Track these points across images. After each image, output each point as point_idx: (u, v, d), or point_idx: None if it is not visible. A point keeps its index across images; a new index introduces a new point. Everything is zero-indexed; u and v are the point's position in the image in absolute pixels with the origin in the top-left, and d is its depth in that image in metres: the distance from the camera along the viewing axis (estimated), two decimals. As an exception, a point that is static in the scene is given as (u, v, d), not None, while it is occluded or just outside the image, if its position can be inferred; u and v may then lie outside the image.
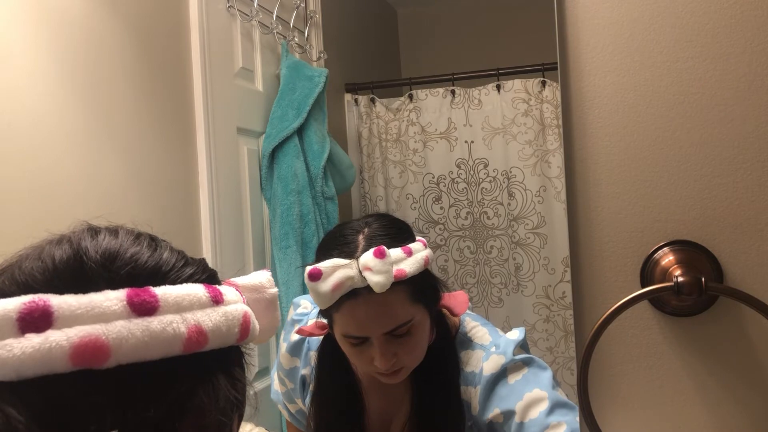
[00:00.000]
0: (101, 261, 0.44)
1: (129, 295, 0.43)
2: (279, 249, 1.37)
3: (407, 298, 0.88)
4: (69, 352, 0.39)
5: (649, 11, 1.13)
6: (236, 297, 0.51)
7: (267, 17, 1.42)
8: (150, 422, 0.42)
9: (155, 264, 0.47)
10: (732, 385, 1.11)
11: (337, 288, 0.85)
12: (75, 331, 0.40)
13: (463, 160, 1.46)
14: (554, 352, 1.35)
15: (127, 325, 0.41)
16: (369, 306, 0.86)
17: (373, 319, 0.87)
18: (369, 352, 0.89)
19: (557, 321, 1.36)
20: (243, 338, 0.49)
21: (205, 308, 0.46)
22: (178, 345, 0.43)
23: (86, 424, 0.40)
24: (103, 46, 1.05)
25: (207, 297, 0.47)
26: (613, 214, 1.16)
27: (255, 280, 0.56)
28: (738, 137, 1.10)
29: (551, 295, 1.37)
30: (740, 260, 1.10)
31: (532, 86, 1.41)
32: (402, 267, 0.87)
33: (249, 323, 0.50)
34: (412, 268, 0.88)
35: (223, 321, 0.47)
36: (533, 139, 1.41)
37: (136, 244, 0.48)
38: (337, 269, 0.85)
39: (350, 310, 0.87)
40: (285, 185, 1.38)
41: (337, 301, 0.86)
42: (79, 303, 0.41)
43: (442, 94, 1.49)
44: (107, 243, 0.46)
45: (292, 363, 1.08)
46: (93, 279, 0.43)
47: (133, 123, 1.11)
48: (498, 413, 0.91)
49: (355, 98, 1.57)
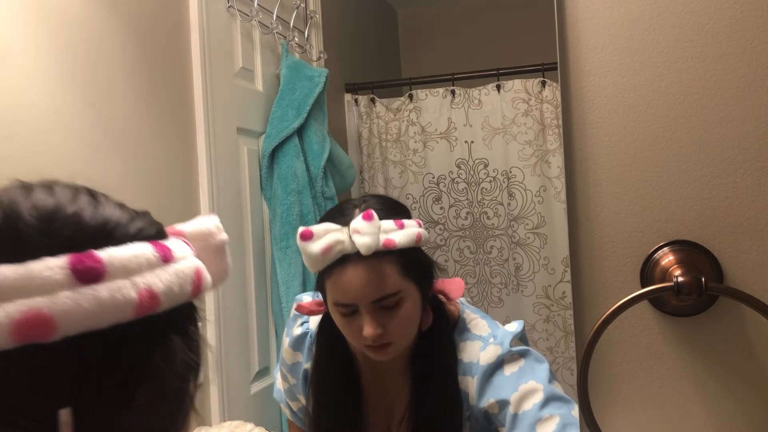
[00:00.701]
0: (38, 224, 0.40)
1: (72, 262, 0.39)
2: (279, 249, 1.37)
3: (397, 269, 0.90)
4: (10, 328, 0.36)
5: (649, 11, 1.13)
6: (186, 252, 0.48)
7: (267, 17, 1.42)
8: (106, 394, 0.40)
9: (98, 223, 0.43)
10: (732, 385, 1.11)
11: (326, 251, 0.87)
12: (15, 306, 0.37)
13: (463, 160, 1.46)
14: (554, 352, 1.35)
15: (73, 296, 0.38)
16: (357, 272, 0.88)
17: (361, 286, 0.88)
18: (358, 322, 0.90)
19: (557, 321, 1.36)
20: (196, 294, 0.47)
21: (154, 269, 0.43)
22: (129, 311, 0.40)
23: (36, 402, 0.38)
24: (103, 46, 1.05)
25: (156, 257, 0.43)
26: (613, 214, 1.16)
27: (203, 226, 0.53)
28: (738, 137, 1.10)
29: (551, 295, 1.37)
30: (740, 260, 1.10)
31: (532, 86, 1.41)
32: (392, 237, 0.89)
33: (201, 278, 0.48)
34: (402, 240, 0.90)
35: (175, 280, 0.44)
36: (533, 139, 1.41)
37: (74, 201, 0.44)
38: (328, 232, 0.88)
39: (340, 276, 0.89)
40: (285, 185, 1.38)
41: (328, 267, 0.89)
42: (17, 274, 0.38)
43: (442, 94, 1.49)
44: (43, 202, 0.42)
45: (295, 358, 1.08)
46: (30, 245, 0.39)
47: (133, 123, 1.11)
48: (493, 403, 0.92)
49: (355, 98, 1.57)
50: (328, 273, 0.91)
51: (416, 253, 0.94)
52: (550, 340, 1.36)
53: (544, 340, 1.35)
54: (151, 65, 1.16)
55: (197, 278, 0.47)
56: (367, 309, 0.90)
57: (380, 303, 0.90)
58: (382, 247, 0.89)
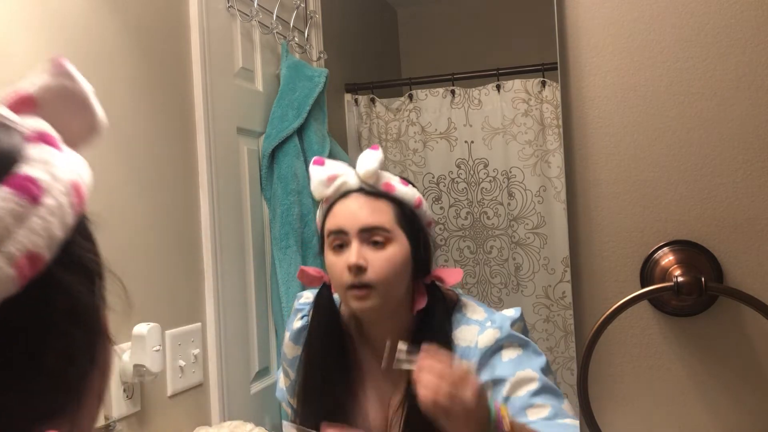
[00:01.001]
0: None
1: None
2: (279, 249, 1.37)
3: (391, 213, 0.95)
4: None
5: (649, 11, 1.13)
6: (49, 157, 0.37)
7: (267, 17, 1.42)
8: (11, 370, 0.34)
9: None
10: (732, 384, 1.11)
11: (331, 178, 0.97)
12: None
13: (463, 160, 1.46)
14: (554, 352, 1.35)
15: None
16: (354, 201, 0.96)
17: (354, 212, 0.95)
18: (345, 257, 0.94)
19: (557, 321, 1.36)
20: (81, 208, 0.39)
21: (24, 221, 0.34)
22: (12, 287, 0.33)
23: None
24: (103, 46, 1.05)
25: (20, 203, 0.34)
26: (613, 214, 1.16)
27: (54, 81, 0.43)
28: (738, 137, 1.10)
29: (551, 295, 1.38)
30: (740, 260, 1.10)
31: (532, 86, 1.41)
32: (393, 184, 0.97)
33: (81, 192, 0.39)
34: (402, 191, 0.97)
35: (54, 220, 0.35)
36: (533, 139, 1.41)
37: None
38: (339, 167, 0.99)
39: (338, 206, 0.97)
40: (285, 185, 1.38)
41: (331, 202, 0.97)
42: None
43: (442, 94, 1.49)
44: None
45: (295, 351, 1.08)
46: None
47: (133, 123, 1.11)
48: (488, 382, 0.94)
49: (355, 98, 1.57)
50: (330, 207, 0.98)
51: (414, 214, 0.99)
52: (550, 340, 1.36)
53: (544, 340, 1.35)
54: (151, 65, 1.16)
55: (77, 195, 0.38)
56: (356, 237, 0.94)
57: (369, 234, 0.94)
58: (381, 187, 0.96)
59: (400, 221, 0.96)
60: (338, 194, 0.98)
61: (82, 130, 0.44)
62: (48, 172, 0.36)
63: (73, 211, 0.37)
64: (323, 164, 0.99)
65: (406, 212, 0.98)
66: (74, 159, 0.40)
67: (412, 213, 0.99)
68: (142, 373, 1.02)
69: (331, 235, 0.98)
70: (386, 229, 0.95)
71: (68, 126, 0.42)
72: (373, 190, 0.98)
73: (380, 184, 0.97)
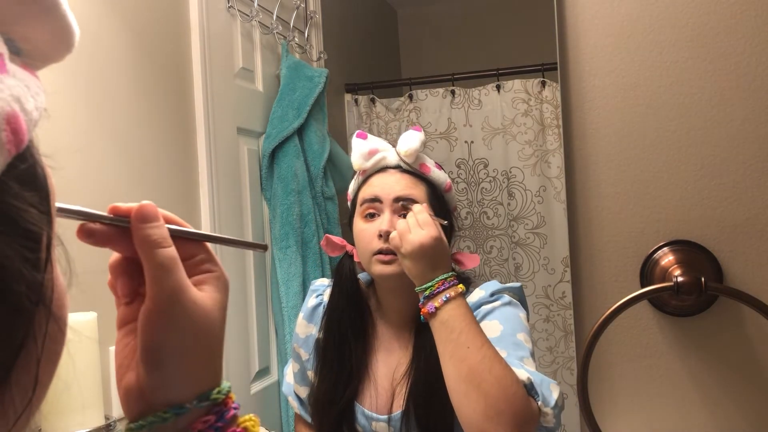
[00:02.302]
0: None
1: None
2: (279, 249, 1.37)
3: (424, 192, 1.00)
4: None
5: (649, 11, 1.13)
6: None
7: (267, 17, 1.42)
8: None
9: None
10: (732, 384, 1.11)
11: (372, 152, 1.02)
12: None
13: (463, 160, 1.46)
14: (554, 352, 1.35)
15: None
16: (391, 175, 1.01)
17: (391, 184, 1.00)
18: (376, 224, 0.99)
19: (557, 321, 1.36)
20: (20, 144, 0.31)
21: None
22: None
23: None
24: (103, 46, 1.05)
25: None
26: (613, 214, 1.16)
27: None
28: (738, 137, 1.10)
29: (551, 295, 1.37)
30: (740, 260, 1.10)
31: (532, 86, 1.41)
32: (429, 165, 1.02)
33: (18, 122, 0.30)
34: (436, 174, 1.02)
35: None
36: (533, 139, 1.41)
37: None
38: (380, 143, 1.04)
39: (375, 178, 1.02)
40: (285, 185, 1.38)
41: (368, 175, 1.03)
42: None
43: (442, 94, 1.49)
44: None
45: (308, 330, 1.10)
46: None
47: (133, 123, 1.11)
48: None
49: (355, 98, 1.57)
50: (366, 179, 1.03)
51: (443, 198, 1.04)
52: (550, 340, 1.36)
53: (544, 340, 1.35)
54: (151, 65, 1.16)
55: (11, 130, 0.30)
56: (389, 206, 0.99)
57: (401, 204, 0.99)
58: (418, 167, 1.01)
59: (430, 200, 1.01)
60: (376, 168, 1.03)
61: (47, 42, 0.34)
62: None
63: (3, 149, 0.29)
64: (366, 138, 1.04)
65: (437, 194, 1.03)
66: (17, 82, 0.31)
67: (441, 196, 1.03)
68: (143, 373, 1.02)
69: (364, 203, 1.02)
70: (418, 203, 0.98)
71: (28, 37, 0.32)
72: (410, 169, 1.02)
73: (418, 164, 1.02)
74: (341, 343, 1.05)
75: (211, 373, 0.44)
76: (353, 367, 1.04)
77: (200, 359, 0.43)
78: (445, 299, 0.86)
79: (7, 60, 0.31)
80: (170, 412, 0.41)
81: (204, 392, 0.43)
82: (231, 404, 0.44)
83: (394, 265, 0.97)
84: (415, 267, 0.89)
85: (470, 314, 0.87)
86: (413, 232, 0.89)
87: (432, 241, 0.88)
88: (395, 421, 0.99)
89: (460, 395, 0.83)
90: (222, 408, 0.43)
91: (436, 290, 0.87)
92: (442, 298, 0.87)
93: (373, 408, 1.02)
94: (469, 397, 0.82)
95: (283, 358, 1.37)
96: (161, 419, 0.41)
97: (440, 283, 0.88)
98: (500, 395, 0.80)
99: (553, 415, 0.84)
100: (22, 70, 0.32)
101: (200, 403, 0.42)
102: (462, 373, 0.83)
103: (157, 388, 0.42)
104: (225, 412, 0.43)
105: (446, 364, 0.85)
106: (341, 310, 1.06)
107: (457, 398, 0.84)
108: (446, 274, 0.89)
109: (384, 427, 1.01)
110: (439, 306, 0.86)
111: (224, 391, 0.44)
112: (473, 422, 0.81)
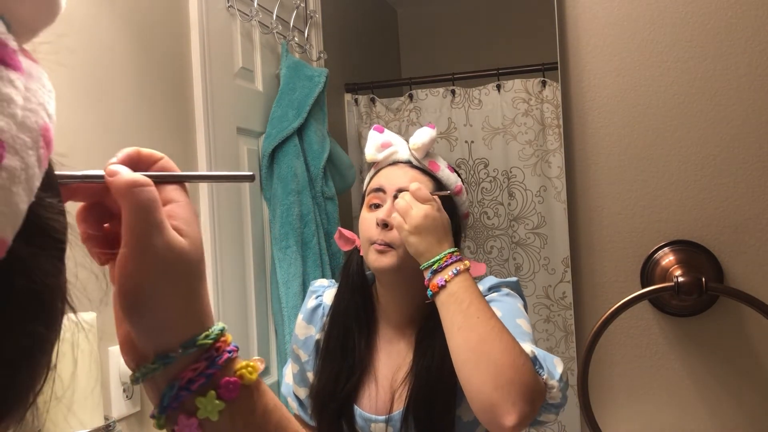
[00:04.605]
0: None
1: None
2: (279, 249, 1.37)
3: (430, 188, 1.00)
4: None
5: (649, 11, 1.13)
6: None
7: (267, 17, 1.42)
8: None
9: None
10: (732, 384, 1.11)
11: (384, 145, 1.03)
12: None
13: (463, 160, 1.46)
14: (554, 352, 1.34)
15: None
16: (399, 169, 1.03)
17: (397, 176, 1.01)
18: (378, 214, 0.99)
19: (557, 321, 1.36)
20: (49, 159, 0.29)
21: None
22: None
23: None
24: (103, 46, 1.05)
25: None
26: (613, 214, 1.16)
27: None
28: (738, 137, 1.10)
29: (551, 295, 1.37)
30: (740, 260, 1.10)
31: (532, 86, 1.41)
32: (439, 164, 1.02)
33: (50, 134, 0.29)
34: (444, 173, 1.02)
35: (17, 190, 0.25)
36: (533, 139, 1.41)
37: None
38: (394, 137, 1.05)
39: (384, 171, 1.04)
40: (285, 185, 1.38)
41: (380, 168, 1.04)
42: None
43: (442, 94, 1.49)
44: None
45: (307, 331, 1.09)
46: None
47: (133, 122, 1.11)
48: None
49: (355, 98, 1.57)
50: (377, 172, 1.04)
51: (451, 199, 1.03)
52: (550, 340, 1.36)
53: (544, 340, 1.35)
54: (151, 65, 1.16)
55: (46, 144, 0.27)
56: (391, 197, 0.99)
57: None
58: (427, 164, 1.01)
59: None
60: (387, 161, 1.04)
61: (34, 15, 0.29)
62: (8, 115, 0.25)
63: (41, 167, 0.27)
64: (382, 132, 1.06)
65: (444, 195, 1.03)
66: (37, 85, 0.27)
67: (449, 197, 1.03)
68: (142, 373, 1.02)
69: (370, 193, 1.03)
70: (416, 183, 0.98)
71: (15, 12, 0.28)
72: (420, 165, 1.03)
73: (427, 161, 1.02)
74: (345, 336, 1.04)
75: (194, 317, 0.41)
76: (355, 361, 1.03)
77: (180, 303, 0.40)
78: (455, 272, 0.86)
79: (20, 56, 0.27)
80: (158, 363, 0.40)
81: (190, 338, 0.40)
82: (225, 348, 0.42)
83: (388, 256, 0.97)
84: (421, 242, 0.89)
85: (477, 287, 0.87)
86: (415, 207, 0.89)
87: (436, 212, 0.89)
88: (394, 422, 0.99)
89: (469, 365, 0.83)
90: (213, 353, 0.41)
91: (445, 263, 0.87)
92: (452, 271, 0.87)
93: (372, 409, 1.02)
94: (478, 366, 0.81)
95: (282, 358, 1.37)
96: (150, 370, 0.40)
97: (448, 257, 0.88)
98: (509, 363, 0.80)
99: (559, 388, 0.84)
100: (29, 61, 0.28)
101: (186, 350, 0.40)
102: (471, 343, 0.83)
103: (142, 336, 0.40)
104: (217, 358, 0.41)
105: (455, 335, 0.85)
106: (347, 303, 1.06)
107: (466, 369, 0.83)
108: (452, 248, 0.89)
109: (382, 427, 1.01)
110: (449, 279, 0.86)
111: (212, 336, 0.41)
112: (483, 392, 0.81)
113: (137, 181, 0.40)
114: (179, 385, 0.40)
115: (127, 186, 0.40)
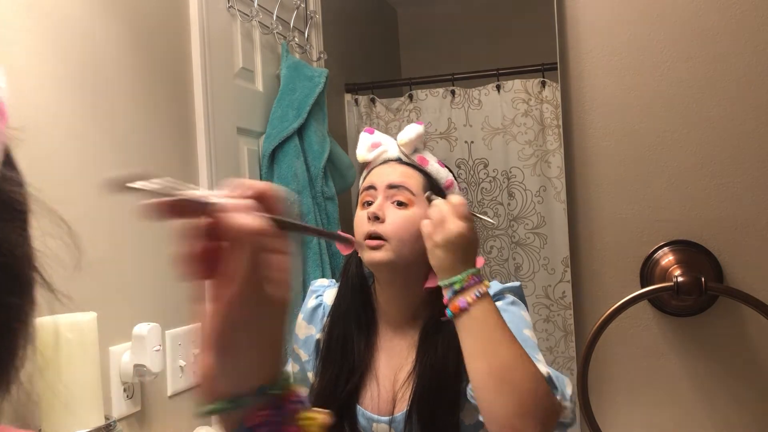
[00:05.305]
0: None
1: None
2: (279, 249, 1.37)
3: (420, 182, 1.01)
4: None
5: (649, 12, 1.13)
6: None
7: (267, 17, 1.42)
8: None
9: None
10: (732, 384, 1.11)
11: (374, 145, 1.05)
12: None
13: (463, 160, 1.46)
14: (554, 352, 1.35)
15: None
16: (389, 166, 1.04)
17: (387, 173, 1.03)
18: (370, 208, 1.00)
19: (557, 321, 1.36)
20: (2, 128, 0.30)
21: None
22: None
23: None
24: (103, 46, 1.05)
25: None
26: (613, 214, 1.16)
27: None
28: (738, 137, 1.10)
29: (551, 295, 1.37)
30: (740, 260, 1.10)
31: (532, 86, 1.41)
32: (428, 158, 1.04)
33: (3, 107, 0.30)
34: (434, 168, 1.03)
35: None
36: (533, 139, 1.41)
37: None
38: (384, 138, 1.07)
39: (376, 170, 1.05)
40: (285, 185, 1.38)
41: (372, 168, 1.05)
42: None
43: (442, 94, 1.49)
44: None
45: (308, 331, 1.10)
46: None
47: (134, 123, 1.11)
48: None
49: (355, 98, 1.57)
50: (369, 171, 1.06)
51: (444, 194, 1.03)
52: (550, 340, 1.36)
53: (544, 340, 1.35)
54: (151, 65, 1.16)
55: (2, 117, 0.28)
56: (382, 192, 1.00)
57: (393, 192, 1.00)
58: (416, 159, 1.03)
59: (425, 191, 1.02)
60: (378, 161, 1.06)
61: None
62: None
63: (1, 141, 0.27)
64: (372, 133, 1.07)
65: (436, 188, 1.03)
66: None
67: (440, 191, 1.03)
68: (143, 373, 1.02)
69: (363, 192, 1.04)
70: (411, 191, 0.99)
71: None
72: (409, 161, 1.04)
73: (415, 156, 1.03)
74: (345, 336, 1.05)
75: (272, 364, 0.43)
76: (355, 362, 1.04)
77: (266, 351, 0.43)
78: (478, 295, 0.85)
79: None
80: (232, 404, 0.41)
81: (264, 384, 0.42)
82: (291, 399, 0.44)
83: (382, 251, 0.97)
84: (447, 257, 0.87)
85: (498, 311, 0.86)
86: (452, 221, 0.87)
87: (471, 234, 0.88)
88: (397, 423, 0.99)
89: (490, 392, 0.83)
90: (278, 402, 0.43)
91: (467, 285, 0.86)
92: (475, 294, 0.85)
93: (375, 409, 1.02)
94: (501, 392, 0.81)
95: (283, 358, 1.37)
96: (224, 409, 0.41)
97: (470, 278, 0.86)
98: (531, 390, 0.80)
99: (570, 409, 0.85)
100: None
101: (258, 397, 0.42)
102: (494, 370, 0.82)
103: (223, 375, 0.42)
104: (282, 407, 0.43)
105: (476, 359, 0.85)
106: (348, 304, 1.06)
107: (488, 395, 0.83)
108: (473, 269, 0.87)
109: (385, 428, 1.01)
110: (472, 302, 0.85)
111: (279, 386, 0.43)
112: (504, 417, 0.81)
113: (263, 230, 0.40)
114: (245, 426, 0.42)
115: (251, 233, 0.40)
